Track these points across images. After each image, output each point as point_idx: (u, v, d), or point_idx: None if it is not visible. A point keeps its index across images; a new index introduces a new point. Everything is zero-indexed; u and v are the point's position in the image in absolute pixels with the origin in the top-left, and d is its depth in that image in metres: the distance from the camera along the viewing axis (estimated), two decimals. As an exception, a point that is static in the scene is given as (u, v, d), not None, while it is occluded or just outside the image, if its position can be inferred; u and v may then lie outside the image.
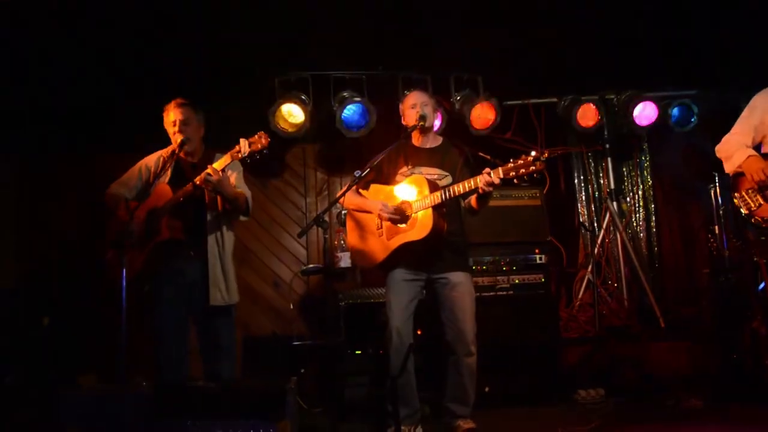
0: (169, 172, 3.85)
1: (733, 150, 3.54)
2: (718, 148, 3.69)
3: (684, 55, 5.48)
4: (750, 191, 3.44)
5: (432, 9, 4.75)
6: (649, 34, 5.17)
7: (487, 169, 3.38)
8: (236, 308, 3.95)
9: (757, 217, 3.41)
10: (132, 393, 3.02)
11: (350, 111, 5.41)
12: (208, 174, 3.59)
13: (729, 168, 3.57)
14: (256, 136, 3.59)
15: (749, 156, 3.44)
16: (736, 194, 3.50)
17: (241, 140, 3.60)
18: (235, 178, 3.92)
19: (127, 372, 3.53)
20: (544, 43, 5.24)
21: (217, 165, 3.64)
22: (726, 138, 3.66)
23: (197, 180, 3.64)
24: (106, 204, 3.93)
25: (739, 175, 3.51)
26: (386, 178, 3.89)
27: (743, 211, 3.46)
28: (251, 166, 3.68)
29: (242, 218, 3.98)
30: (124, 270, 3.39)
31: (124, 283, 3.36)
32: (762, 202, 3.40)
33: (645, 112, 5.74)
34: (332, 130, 5.45)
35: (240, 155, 3.60)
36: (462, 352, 3.69)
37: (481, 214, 3.93)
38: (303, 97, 5.40)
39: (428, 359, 4.13)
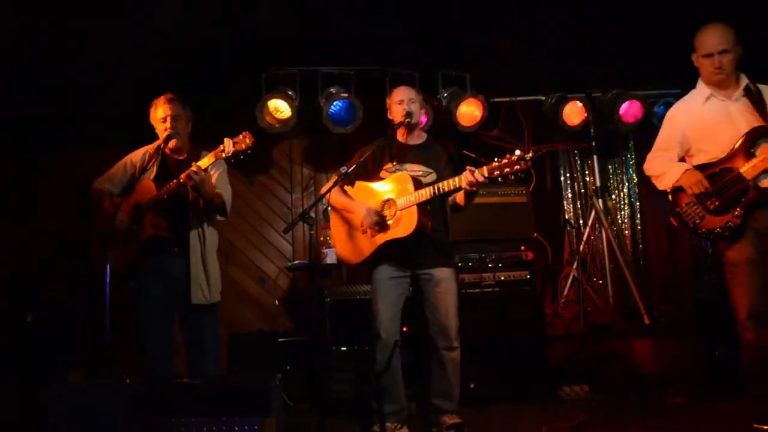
0: (154, 169, 3.83)
1: (666, 167, 3.55)
2: (647, 166, 3.70)
3: (669, 54, 5.50)
4: (691, 204, 3.44)
5: (420, 6, 4.74)
6: (634, 34, 5.18)
7: (471, 168, 3.38)
8: (220, 305, 3.94)
9: (702, 229, 3.41)
10: (117, 390, 3.00)
11: (337, 107, 5.39)
12: (193, 171, 3.57)
13: (665, 184, 3.56)
14: (240, 136, 3.57)
15: (686, 170, 3.45)
16: (678, 210, 3.49)
17: (226, 140, 3.58)
18: (216, 177, 3.90)
19: (112, 369, 3.50)
20: (531, 41, 5.25)
21: (202, 164, 3.62)
22: (652, 156, 3.68)
23: (182, 177, 3.62)
24: (91, 199, 3.91)
25: (677, 190, 3.51)
26: (371, 174, 3.89)
27: (689, 225, 3.45)
28: (238, 161, 3.66)
29: (219, 218, 3.96)
30: (109, 266, 3.36)
31: (108, 279, 3.33)
32: (704, 214, 3.40)
33: (630, 111, 5.76)
34: (319, 126, 5.43)
35: (224, 155, 3.58)
36: (445, 347, 3.71)
37: (467, 211, 3.93)
38: (290, 93, 5.37)
39: (415, 356, 4.13)
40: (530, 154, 3.23)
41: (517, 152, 3.25)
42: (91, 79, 5.10)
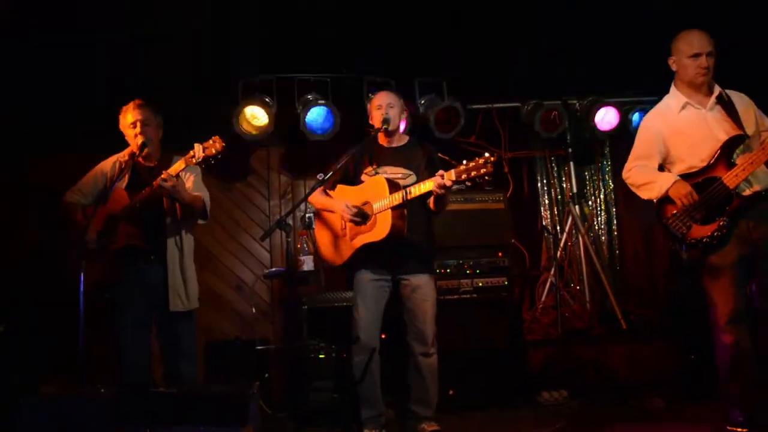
0: (126, 177, 3.79)
1: (651, 176, 3.53)
2: (627, 176, 3.67)
3: (644, 62, 5.58)
4: (677, 215, 3.44)
5: (396, 13, 4.75)
6: (609, 42, 5.24)
7: (441, 172, 3.40)
8: (197, 312, 3.90)
9: (690, 239, 3.42)
10: (91, 399, 2.96)
11: (315, 114, 5.37)
12: (163, 179, 3.54)
13: (652, 194, 3.53)
14: (210, 141, 3.55)
15: (675, 181, 3.42)
16: (665, 221, 3.49)
17: (196, 145, 3.56)
18: (192, 181, 3.87)
19: (88, 378, 3.45)
20: (507, 49, 5.28)
21: (172, 170, 3.59)
22: (631, 166, 3.65)
23: (154, 184, 3.58)
24: (62, 212, 3.86)
25: (663, 201, 3.49)
26: (352, 178, 3.91)
27: (677, 235, 3.46)
28: (215, 168, 3.65)
29: (201, 222, 3.93)
30: (83, 276, 3.32)
31: (82, 289, 3.28)
32: (691, 224, 3.41)
33: (606, 118, 5.81)
34: (296, 133, 5.42)
35: (194, 160, 3.56)
36: (422, 353, 3.73)
37: (444, 218, 3.93)
38: (267, 100, 5.35)
39: (394, 363, 4.11)
40: (494, 157, 3.24)
41: (485, 155, 3.26)
42: (63, 87, 5.03)
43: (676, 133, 3.52)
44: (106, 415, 2.87)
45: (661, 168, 3.63)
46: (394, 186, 3.64)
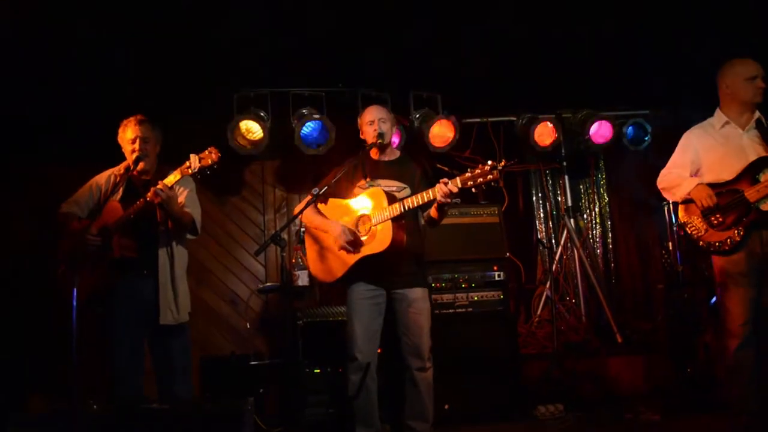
0: (120, 191, 3.79)
1: (679, 180, 3.81)
2: (660, 179, 3.94)
3: (637, 76, 5.62)
4: (697, 218, 3.70)
5: (391, 27, 4.77)
6: (604, 56, 5.27)
7: (445, 180, 3.39)
8: (191, 327, 3.88)
9: (703, 242, 3.67)
10: (83, 416, 2.93)
11: (309, 128, 5.38)
12: (159, 189, 3.54)
13: (677, 196, 3.81)
14: (206, 152, 3.57)
15: (698, 185, 3.69)
16: (683, 221, 3.76)
17: (192, 156, 3.56)
18: (185, 195, 3.87)
19: (80, 394, 3.42)
20: (502, 63, 5.31)
21: (168, 180, 3.59)
22: (666, 171, 3.93)
23: (148, 195, 3.58)
24: (59, 222, 3.85)
25: (687, 202, 3.76)
26: (345, 191, 3.89)
27: (693, 236, 3.71)
28: (210, 182, 3.65)
29: (190, 237, 3.92)
30: (75, 289, 3.30)
31: (75, 303, 3.27)
32: (707, 228, 3.65)
33: (600, 131, 5.84)
34: (291, 147, 5.42)
35: (190, 171, 3.56)
36: (418, 367, 3.71)
37: (440, 232, 3.91)
38: (262, 114, 5.36)
39: (389, 378, 4.10)
40: (502, 164, 3.26)
41: (489, 162, 3.28)
42: (59, 97, 5.03)
43: (711, 147, 3.79)
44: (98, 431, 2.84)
45: None
46: (391, 198, 3.63)
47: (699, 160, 3.81)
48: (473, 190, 3.33)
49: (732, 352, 3.57)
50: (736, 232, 3.56)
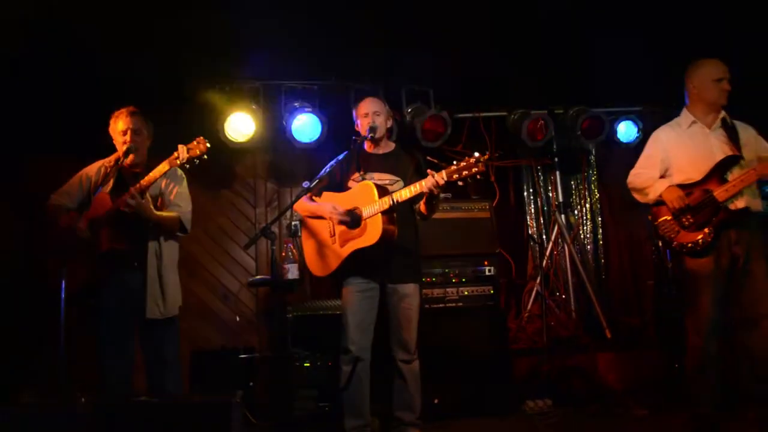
0: (111, 182, 3.76)
1: (650, 182, 3.83)
2: (630, 180, 3.96)
3: (629, 72, 5.63)
4: (668, 220, 3.72)
5: (384, 22, 4.76)
6: (596, 52, 5.27)
7: (432, 172, 3.42)
8: (180, 320, 3.87)
9: (676, 243, 3.69)
10: (70, 409, 2.91)
11: (301, 121, 5.37)
12: (129, 199, 3.53)
13: (648, 198, 3.83)
14: (194, 142, 3.56)
15: (669, 186, 3.72)
16: (656, 224, 3.78)
17: (180, 146, 3.55)
18: (175, 193, 3.85)
19: (69, 387, 3.41)
20: (495, 58, 5.30)
21: (156, 172, 3.58)
22: (636, 172, 3.94)
23: (119, 203, 3.57)
24: (48, 215, 3.82)
25: (659, 204, 3.78)
26: (339, 185, 3.90)
27: (666, 238, 3.73)
28: (201, 175, 3.63)
29: (180, 234, 3.90)
30: (64, 282, 3.29)
31: (63, 295, 3.25)
32: (679, 229, 3.68)
33: (592, 127, 5.84)
34: (283, 140, 5.41)
35: (178, 162, 3.55)
36: (404, 359, 3.76)
37: (431, 227, 3.92)
38: (254, 107, 5.35)
39: (379, 372, 4.10)
40: (486, 156, 3.29)
41: (476, 154, 3.30)
42: (48, 88, 5.00)
43: (680, 147, 3.82)
44: (86, 425, 2.83)
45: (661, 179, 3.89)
46: (382, 191, 3.64)
47: (668, 160, 3.84)
48: (459, 183, 3.36)
49: (697, 351, 3.63)
50: (707, 231, 3.58)
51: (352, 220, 3.68)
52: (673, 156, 3.83)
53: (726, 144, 3.72)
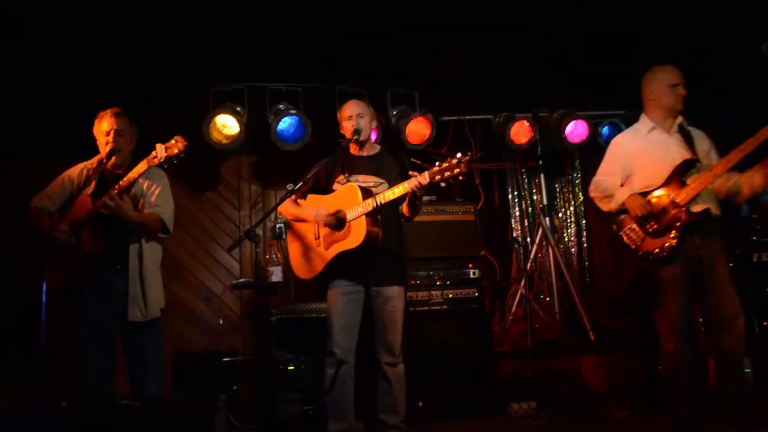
0: (93, 184, 3.73)
1: (612, 189, 3.85)
2: (592, 188, 3.98)
3: (613, 76, 5.66)
4: (632, 228, 3.74)
5: (368, 24, 4.76)
6: (580, 57, 5.30)
7: (414, 173, 3.44)
8: (163, 322, 3.84)
9: (642, 251, 3.70)
10: (51, 412, 2.88)
11: (286, 123, 5.35)
12: (107, 201, 3.51)
13: (611, 206, 3.84)
14: (172, 141, 3.53)
15: (631, 194, 3.74)
16: (621, 233, 3.79)
17: (158, 145, 3.52)
18: (156, 194, 3.82)
19: (50, 390, 3.37)
20: (480, 62, 5.32)
21: (134, 172, 3.56)
22: (597, 180, 3.96)
23: (98, 204, 3.54)
24: (30, 217, 3.78)
25: (621, 213, 3.80)
26: (324, 187, 3.91)
27: (632, 246, 3.74)
28: (185, 177, 3.60)
29: (162, 235, 3.87)
30: (45, 284, 3.25)
31: (45, 298, 3.22)
32: (644, 236, 3.69)
33: (576, 130, 5.87)
34: (267, 142, 5.39)
35: (156, 161, 3.53)
36: (389, 362, 3.76)
37: (416, 229, 3.93)
38: (238, 109, 5.32)
39: (363, 374, 4.10)
40: (467, 157, 3.30)
41: (458, 155, 3.32)
42: (30, 90, 4.95)
43: (641, 153, 3.83)
44: (67, 428, 2.80)
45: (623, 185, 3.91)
46: (366, 193, 3.64)
47: (630, 167, 3.85)
48: (442, 184, 3.38)
49: (670, 355, 3.65)
50: (671, 236, 3.60)
51: (337, 221, 3.67)
52: (635, 163, 3.85)
53: (684, 148, 3.76)
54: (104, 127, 3.76)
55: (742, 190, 3.67)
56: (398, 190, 3.50)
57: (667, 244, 3.60)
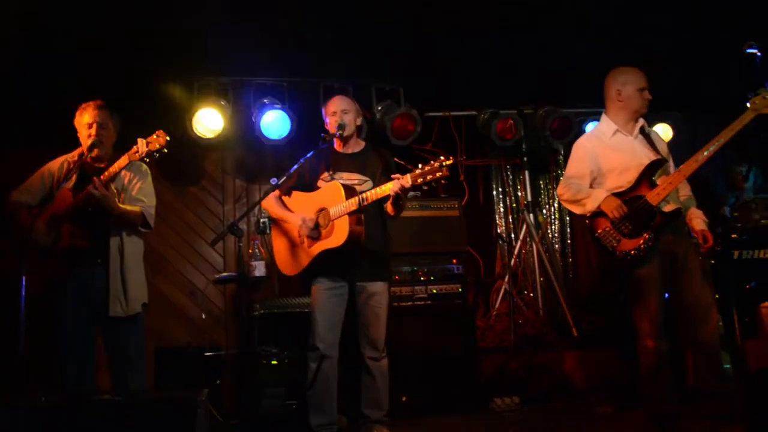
0: (74, 178, 3.69)
1: (586, 193, 3.82)
2: (561, 191, 3.95)
3: (598, 73, 5.68)
4: (608, 229, 3.73)
5: (354, 19, 4.75)
6: (565, 53, 5.32)
7: (397, 176, 3.44)
8: (145, 317, 3.81)
9: (619, 252, 3.69)
10: (29, 408, 2.85)
11: (270, 118, 5.33)
12: (92, 191, 3.47)
13: (586, 209, 3.81)
14: (153, 136, 3.50)
15: (606, 197, 3.72)
16: (597, 235, 3.78)
17: (139, 140, 3.50)
18: (138, 188, 3.79)
19: (29, 386, 3.34)
20: (465, 57, 5.32)
21: (116, 166, 3.54)
22: (566, 183, 3.93)
23: (81, 195, 3.51)
24: (8, 211, 3.73)
25: (595, 216, 3.78)
26: (308, 184, 3.89)
27: (608, 248, 3.74)
28: (169, 171, 3.58)
29: (143, 230, 3.83)
30: (24, 278, 3.22)
31: (24, 293, 3.18)
32: (620, 237, 3.69)
33: (561, 128, 5.90)
34: (252, 136, 5.37)
35: (138, 155, 3.50)
36: (373, 357, 3.77)
37: (400, 225, 3.92)
38: (222, 103, 5.29)
39: (347, 369, 4.10)
40: (450, 161, 3.30)
41: (441, 158, 3.32)
42: (12, 84, 4.89)
43: (607, 155, 3.84)
44: (47, 424, 2.77)
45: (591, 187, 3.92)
46: (350, 191, 3.64)
47: (598, 170, 3.85)
48: (424, 187, 3.39)
49: (650, 352, 3.67)
50: (647, 236, 3.61)
51: (318, 235, 3.68)
52: (602, 165, 3.84)
53: (648, 149, 3.79)
54: (86, 120, 3.72)
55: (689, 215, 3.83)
56: (381, 191, 3.51)
57: (643, 244, 3.61)
